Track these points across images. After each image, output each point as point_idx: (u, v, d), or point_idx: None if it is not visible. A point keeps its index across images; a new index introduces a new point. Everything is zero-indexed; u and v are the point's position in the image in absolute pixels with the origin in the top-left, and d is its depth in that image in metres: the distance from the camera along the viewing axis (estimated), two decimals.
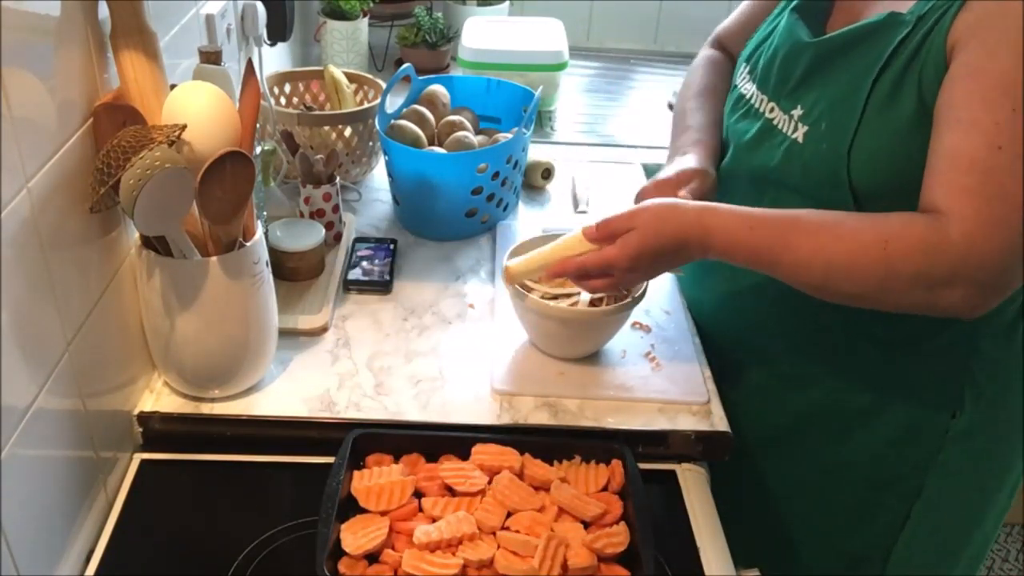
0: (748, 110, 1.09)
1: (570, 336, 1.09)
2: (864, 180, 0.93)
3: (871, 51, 0.92)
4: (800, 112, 0.99)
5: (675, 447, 1.03)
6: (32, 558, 0.78)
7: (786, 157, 1.00)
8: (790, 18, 1.05)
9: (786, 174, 1.01)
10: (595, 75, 2.19)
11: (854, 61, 0.94)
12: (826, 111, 0.96)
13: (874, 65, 0.91)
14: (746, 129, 1.08)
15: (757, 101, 1.07)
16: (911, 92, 0.89)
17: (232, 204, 0.91)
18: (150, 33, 0.90)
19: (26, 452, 0.75)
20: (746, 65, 1.13)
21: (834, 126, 0.95)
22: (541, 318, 1.08)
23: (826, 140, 0.95)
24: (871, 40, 0.93)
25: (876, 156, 0.92)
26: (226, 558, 0.89)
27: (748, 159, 1.07)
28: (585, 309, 1.07)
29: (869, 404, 1.07)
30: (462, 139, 1.38)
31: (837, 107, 0.95)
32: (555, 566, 0.82)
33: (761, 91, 1.07)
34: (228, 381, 1.02)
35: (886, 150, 0.92)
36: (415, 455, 0.95)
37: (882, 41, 0.91)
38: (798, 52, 1.01)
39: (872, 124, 0.92)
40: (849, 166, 0.93)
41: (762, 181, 1.05)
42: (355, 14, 1.88)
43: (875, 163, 0.92)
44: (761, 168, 1.04)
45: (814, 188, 0.98)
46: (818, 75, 0.99)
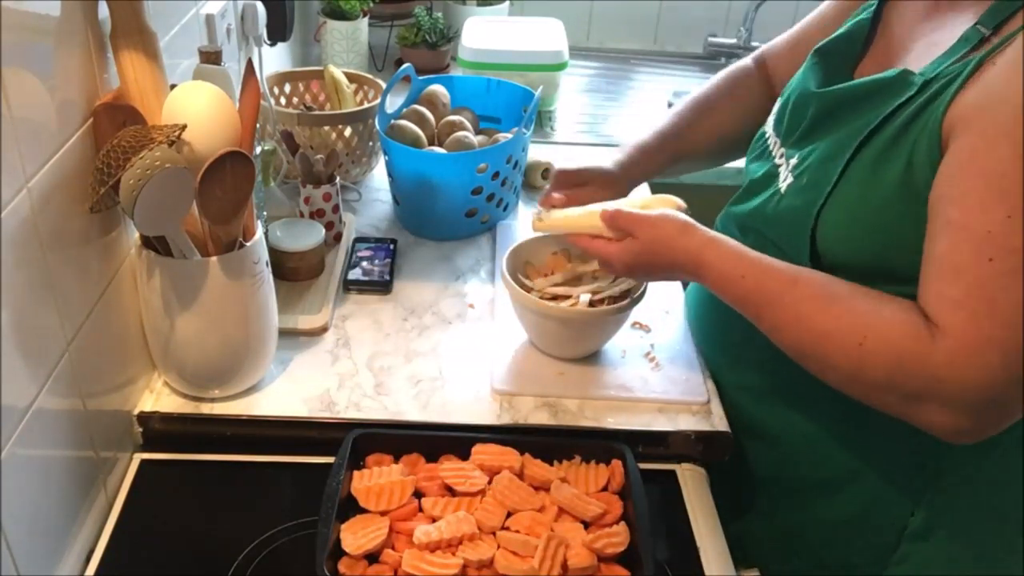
0: (763, 151, 1.06)
1: (570, 336, 1.09)
2: (829, 245, 0.89)
3: (871, 110, 0.87)
4: (795, 163, 0.96)
5: (675, 447, 1.03)
6: (32, 558, 0.78)
7: (763, 204, 0.99)
8: (810, 60, 1.02)
9: (761, 222, 0.99)
10: (595, 75, 2.19)
11: (853, 118, 0.89)
12: (811, 166, 0.93)
13: (866, 126, 0.86)
14: (754, 171, 1.05)
15: (772, 144, 1.04)
16: (898, 163, 0.84)
17: (232, 204, 0.91)
18: (150, 33, 0.90)
19: (26, 452, 0.75)
20: (779, 101, 1.08)
21: (813, 183, 0.91)
22: (541, 318, 1.08)
23: (802, 196, 0.92)
24: (875, 98, 0.87)
25: (846, 224, 0.88)
26: (226, 558, 0.89)
27: (746, 200, 1.05)
28: (584, 309, 1.07)
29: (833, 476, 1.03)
30: (462, 139, 1.38)
31: (822, 164, 0.91)
32: (555, 566, 0.82)
33: (775, 133, 1.04)
34: (228, 381, 1.02)
35: (857, 222, 0.87)
36: (415, 455, 0.95)
37: (884, 101, 0.86)
38: (805, 101, 0.98)
39: (850, 189, 0.87)
40: (815, 228, 0.89)
41: (744, 225, 1.04)
42: (355, 14, 1.88)
43: (843, 232, 0.88)
44: (749, 211, 1.03)
45: (782, 242, 0.95)
46: (820, 127, 0.95)
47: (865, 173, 0.86)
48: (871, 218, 0.86)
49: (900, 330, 0.80)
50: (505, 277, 1.09)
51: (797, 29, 1.20)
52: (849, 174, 0.87)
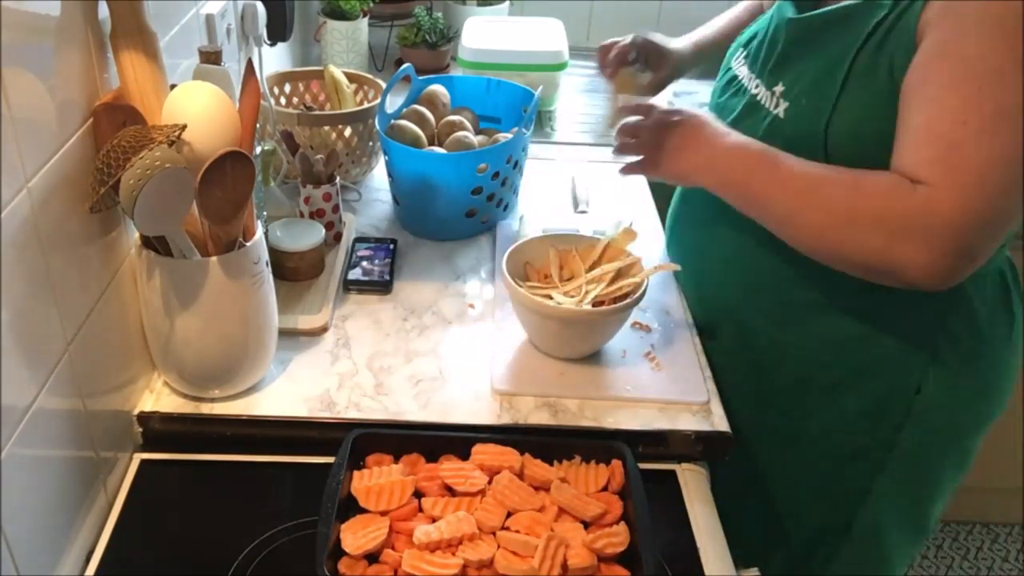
0: (738, 89, 1.13)
1: (570, 336, 1.09)
2: (841, 156, 0.96)
3: (850, 31, 0.95)
4: (781, 88, 1.03)
5: (675, 447, 1.03)
6: (32, 558, 0.78)
7: (768, 132, 1.04)
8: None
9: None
10: (595, 75, 2.18)
11: (833, 40, 0.97)
12: (806, 88, 1.00)
13: (852, 45, 0.95)
14: (733, 106, 1.12)
15: (746, 80, 1.12)
16: (884, 71, 0.93)
17: (232, 204, 0.91)
18: (150, 33, 0.90)
19: (26, 452, 0.75)
20: (743, 50, 1.17)
21: (813, 103, 0.99)
22: (541, 318, 1.08)
23: (806, 116, 0.99)
24: (851, 20, 0.96)
25: (852, 133, 0.96)
26: (226, 558, 0.89)
27: None
28: (585, 309, 1.07)
29: (838, 378, 1.10)
30: (462, 139, 1.38)
31: (817, 85, 0.98)
32: (555, 566, 0.82)
33: (750, 70, 1.11)
34: (228, 381, 1.02)
35: (862, 127, 0.95)
36: (415, 455, 0.95)
37: (861, 21, 0.94)
38: (781, 29, 1.05)
39: (849, 102, 0.95)
40: (827, 142, 0.97)
41: None
42: (355, 14, 1.88)
43: (851, 139, 0.96)
44: None
45: None
46: (798, 52, 1.03)
47: (859, 86, 0.95)
48: (872, 122, 0.94)
49: (887, 178, 0.91)
50: (505, 277, 1.09)
51: None
52: (847, 89, 0.96)
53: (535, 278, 1.15)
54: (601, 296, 1.09)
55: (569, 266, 1.15)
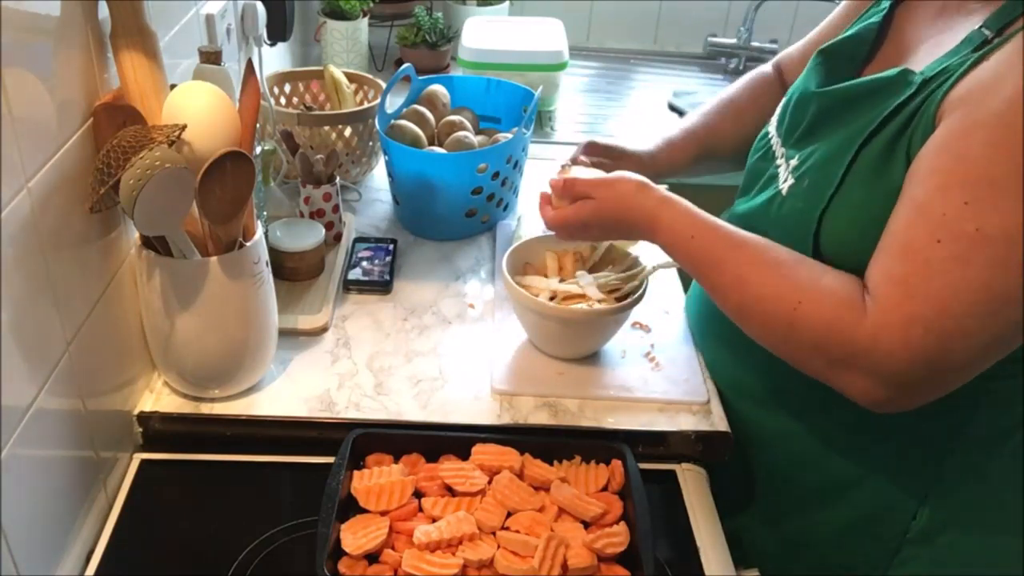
0: (766, 151, 1.06)
1: (570, 336, 1.09)
2: (832, 250, 0.89)
3: (871, 111, 0.87)
4: (795, 163, 0.96)
5: (675, 447, 1.03)
6: (32, 558, 0.78)
7: (766, 206, 0.98)
8: (814, 61, 1.01)
9: (762, 223, 0.98)
10: (595, 75, 2.19)
11: (853, 119, 0.89)
12: (812, 168, 0.92)
13: (867, 127, 0.86)
14: (759, 170, 1.05)
15: (775, 143, 1.04)
16: (899, 164, 0.83)
17: (232, 204, 0.91)
18: (150, 33, 0.90)
19: (26, 452, 0.75)
20: (782, 103, 1.08)
21: (814, 186, 0.91)
22: (541, 318, 1.08)
23: (803, 199, 0.92)
24: (875, 98, 0.87)
25: (848, 227, 0.87)
26: (226, 558, 0.89)
27: (748, 200, 1.05)
28: (585, 309, 1.07)
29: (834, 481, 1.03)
30: (462, 139, 1.38)
31: (823, 166, 0.90)
32: (555, 566, 0.82)
33: (777, 133, 1.04)
34: (228, 381, 1.02)
35: (860, 222, 0.86)
36: (415, 455, 0.95)
37: (884, 101, 0.86)
38: (806, 101, 0.98)
39: (853, 192, 0.87)
40: (819, 231, 0.89)
41: (748, 226, 1.01)
42: (355, 14, 1.88)
43: (846, 235, 0.88)
44: (751, 211, 1.02)
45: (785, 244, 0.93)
46: (821, 128, 0.94)
47: (867, 175, 0.86)
48: (875, 220, 0.84)
49: (834, 299, 0.83)
50: (505, 277, 1.09)
51: (812, 34, 1.20)
52: (851, 176, 0.87)
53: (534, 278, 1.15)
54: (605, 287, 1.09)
55: (568, 267, 1.15)
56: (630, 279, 1.10)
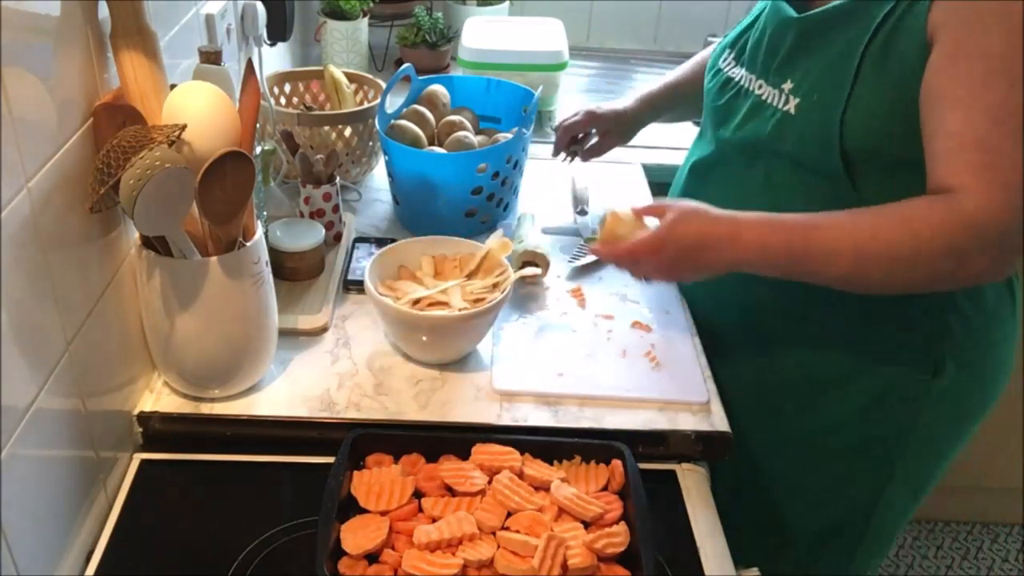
0: (737, 91, 1.13)
1: (429, 341, 1.08)
2: (858, 145, 0.98)
3: (855, 24, 0.97)
4: (790, 86, 1.03)
5: (675, 447, 1.03)
6: (32, 558, 0.78)
7: (778, 128, 1.04)
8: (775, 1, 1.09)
9: (780, 143, 1.05)
10: (595, 75, 2.19)
11: (839, 35, 0.98)
12: (817, 83, 1.00)
13: (861, 38, 0.96)
14: (738, 107, 1.12)
15: (746, 81, 1.12)
16: (894, 66, 0.94)
17: (232, 204, 0.91)
18: (150, 33, 0.90)
19: (26, 452, 0.75)
20: (729, 51, 1.17)
21: (826, 97, 0.99)
22: (399, 323, 1.08)
23: (819, 110, 1.00)
24: (855, 15, 0.97)
25: (868, 123, 0.96)
26: (226, 558, 0.89)
27: (739, 135, 1.11)
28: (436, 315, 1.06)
29: (840, 373, 1.11)
30: (462, 139, 1.38)
31: (827, 79, 0.99)
32: (555, 566, 0.82)
33: (749, 71, 1.12)
34: (228, 381, 1.02)
35: (874, 119, 0.96)
36: (415, 455, 0.95)
37: (865, 17, 0.96)
38: (784, 29, 1.05)
39: (862, 93, 0.96)
40: (843, 133, 0.98)
41: (753, 151, 1.10)
42: (355, 14, 1.88)
43: (865, 131, 0.97)
44: (752, 139, 1.09)
45: (807, 155, 1.02)
46: (805, 50, 1.03)
47: (872, 78, 0.96)
48: (888, 109, 0.95)
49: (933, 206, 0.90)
50: (368, 285, 1.08)
51: None
52: (861, 79, 0.96)
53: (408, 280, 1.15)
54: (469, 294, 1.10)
55: (445, 273, 1.15)
56: (496, 287, 1.11)
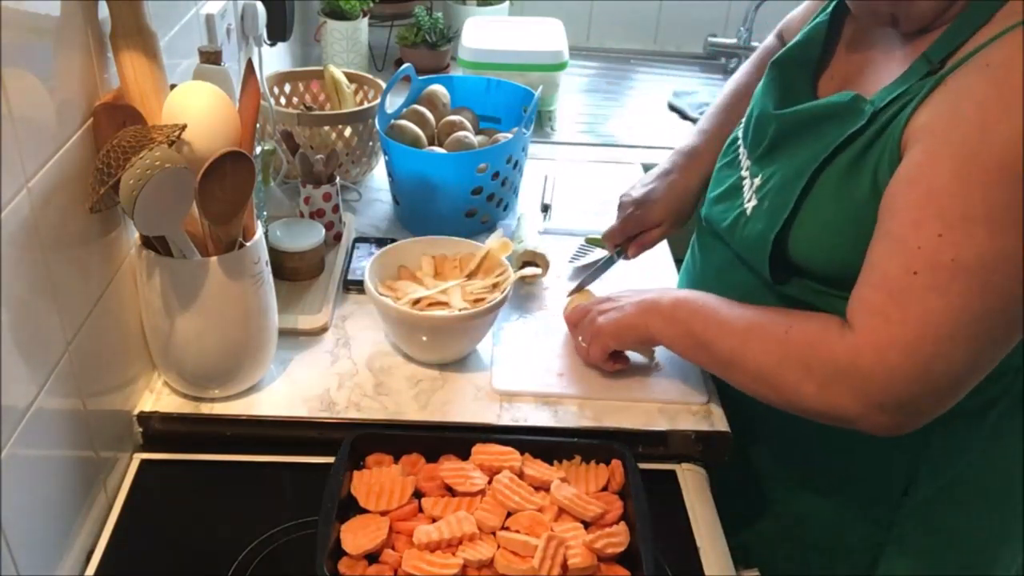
0: (734, 159, 1.08)
1: (428, 342, 1.08)
2: (799, 261, 0.93)
3: (825, 136, 0.90)
4: (759, 182, 0.99)
5: (675, 447, 1.03)
6: (32, 558, 0.78)
7: (733, 224, 1.02)
8: (768, 75, 1.03)
9: (731, 239, 1.03)
10: (595, 75, 2.19)
11: (810, 143, 0.92)
12: (772, 191, 0.95)
13: (821, 154, 0.89)
14: (723, 179, 1.08)
15: (742, 154, 1.06)
16: (865, 181, 0.86)
17: (232, 204, 0.91)
18: (150, 33, 0.90)
19: (26, 452, 0.75)
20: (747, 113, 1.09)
21: (772, 209, 0.94)
22: (398, 323, 1.08)
23: (763, 221, 0.95)
24: (830, 122, 0.90)
25: (810, 247, 0.92)
26: (226, 558, 0.89)
27: (712, 213, 1.08)
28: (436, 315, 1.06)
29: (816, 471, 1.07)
30: (462, 139, 1.38)
31: (780, 190, 0.94)
32: (555, 566, 0.82)
33: (744, 145, 1.06)
34: (228, 381, 1.02)
35: (821, 241, 0.91)
36: (415, 455, 0.95)
37: (838, 127, 0.89)
38: (766, 121, 1.00)
39: (815, 211, 0.90)
40: (785, 250, 0.93)
41: (717, 237, 1.07)
42: (355, 14, 1.88)
43: (810, 249, 0.92)
44: (717, 225, 1.06)
45: (751, 261, 1.00)
46: (781, 148, 0.97)
47: (830, 193, 0.89)
48: (839, 236, 0.89)
49: (819, 322, 0.88)
50: (368, 284, 1.08)
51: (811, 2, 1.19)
52: (813, 198, 0.90)
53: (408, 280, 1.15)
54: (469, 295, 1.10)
55: (445, 273, 1.16)
56: (495, 287, 1.11)
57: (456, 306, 1.08)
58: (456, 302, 1.09)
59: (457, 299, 1.09)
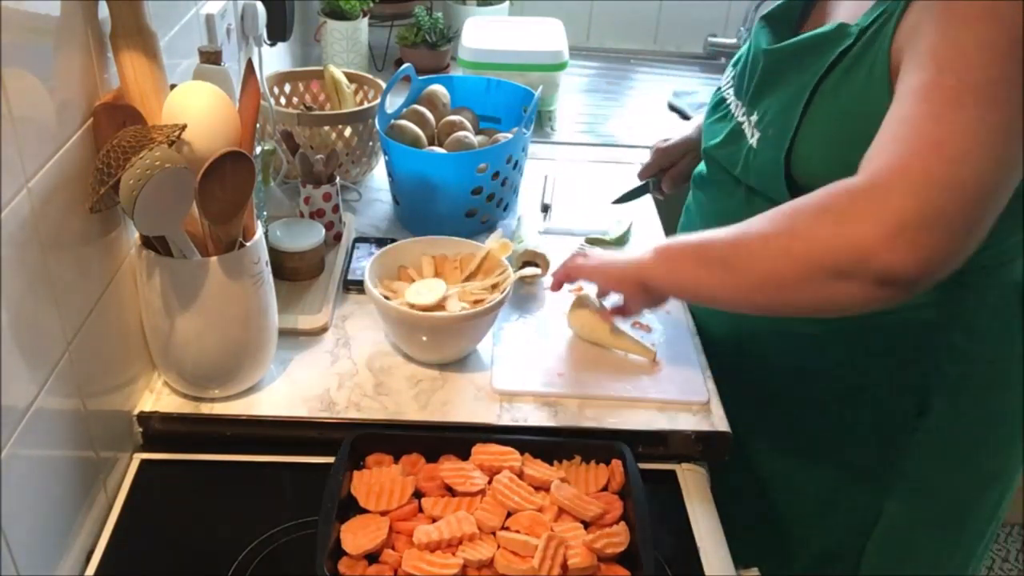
0: (725, 113, 1.12)
1: (428, 341, 1.09)
2: (806, 183, 0.93)
3: (816, 62, 0.94)
4: (756, 118, 1.03)
5: (675, 447, 1.03)
6: (32, 558, 0.78)
7: (745, 161, 1.04)
8: (757, 25, 1.09)
9: (747, 177, 1.05)
10: (595, 75, 2.19)
11: (800, 71, 0.96)
12: (772, 119, 0.99)
13: (816, 74, 0.93)
14: (718, 131, 1.11)
15: (732, 105, 1.11)
16: (852, 98, 0.90)
17: (232, 204, 0.91)
18: (150, 33, 0.90)
19: (26, 452, 0.76)
20: (732, 70, 1.15)
21: (776, 134, 0.98)
22: (398, 323, 1.08)
23: (771, 147, 0.98)
24: (818, 50, 0.94)
25: (814, 164, 0.94)
26: (226, 558, 0.89)
27: (720, 159, 1.11)
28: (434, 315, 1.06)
29: (834, 398, 1.09)
30: (462, 139, 1.38)
31: (780, 116, 0.98)
32: (555, 566, 0.82)
33: (735, 95, 1.10)
34: (228, 381, 1.02)
35: (824, 157, 0.93)
36: (415, 455, 0.95)
37: (827, 51, 0.93)
38: (757, 59, 1.04)
39: (810, 132, 0.94)
40: (789, 172, 0.96)
41: (732, 181, 1.09)
42: (355, 14, 1.88)
43: (814, 170, 0.94)
44: (730, 168, 1.08)
45: (765, 190, 1.01)
46: (770, 83, 1.02)
47: (827, 107, 0.93)
48: (839, 145, 0.91)
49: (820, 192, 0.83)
50: (367, 284, 1.08)
51: None
52: (810, 116, 0.94)
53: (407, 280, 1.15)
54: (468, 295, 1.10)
55: (445, 274, 1.15)
56: (495, 287, 1.12)
57: (454, 308, 1.08)
58: (453, 305, 1.09)
59: (455, 300, 1.09)
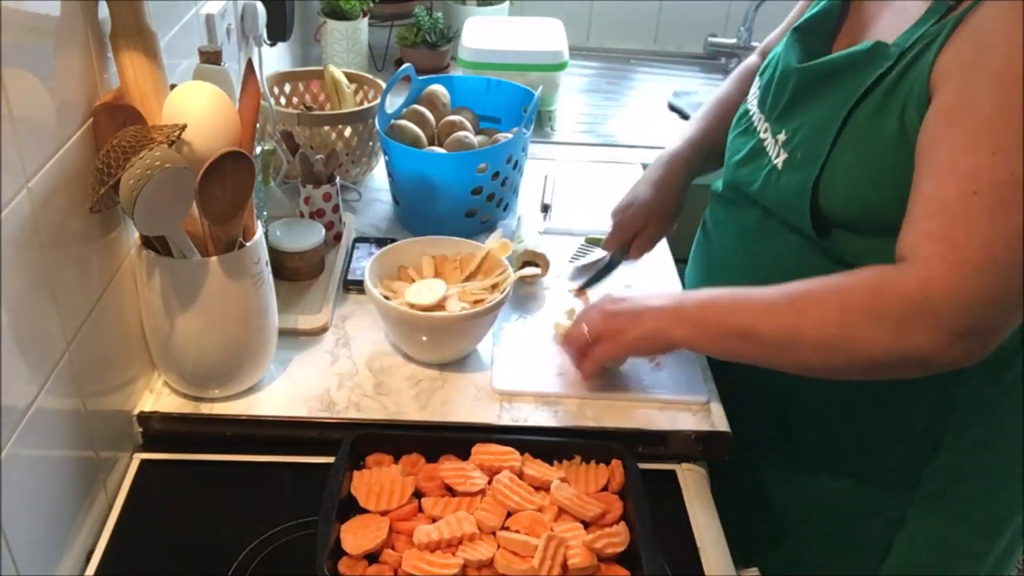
0: (747, 127, 1.10)
1: (427, 341, 1.09)
2: (832, 212, 0.93)
3: (851, 82, 0.91)
4: (784, 138, 0.99)
5: (675, 447, 1.03)
6: (32, 558, 0.78)
7: (765, 181, 1.02)
8: (789, 38, 1.05)
9: (764, 198, 1.03)
10: (595, 75, 2.19)
11: (834, 91, 0.93)
12: (802, 141, 0.96)
13: (851, 98, 0.90)
14: (741, 146, 1.09)
15: (756, 119, 1.08)
16: (891, 124, 0.87)
17: (232, 204, 0.91)
18: (150, 33, 0.90)
19: (26, 452, 0.76)
20: (759, 80, 1.11)
21: (806, 157, 0.95)
22: (397, 323, 1.08)
23: (799, 172, 0.96)
24: (853, 70, 0.92)
25: (845, 191, 0.92)
26: (226, 558, 0.89)
27: (738, 176, 1.08)
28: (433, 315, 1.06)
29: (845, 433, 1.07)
30: (462, 139, 1.38)
31: (812, 138, 0.95)
32: (555, 566, 0.82)
33: (760, 109, 1.07)
34: (228, 381, 1.02)
35: (856, 186, 0.91)
36: (415, 455, 0.95)
37: (863, 72, 0.90)
38: (787, 76, 1.01)
39: (843, 158, 0.91)
40: (816, 199, 0.93)
41: (747, 200, 1.07)
42: (355, 14, 1.88)
43: (843, 199, 0.92)
44: (747, 187, 1.06)
45: (786, 214, 0.99)
46: (802, 102, 0.99)
47: (859, 138, 0.90)
48: (871, 179, 0.90)
49: (871, 272, 0.86)
50: (367, 284, 1.08)
51: (789, 17, 1.23)
52: (842, 143, 0.91)
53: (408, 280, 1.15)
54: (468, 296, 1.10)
55: (445, 274, 1.15)
56: (495, 287, 1.11)
57: (454, 308, 1.08)
58: (453, 305, 1.09)
59: (454, 302, 1.09)
